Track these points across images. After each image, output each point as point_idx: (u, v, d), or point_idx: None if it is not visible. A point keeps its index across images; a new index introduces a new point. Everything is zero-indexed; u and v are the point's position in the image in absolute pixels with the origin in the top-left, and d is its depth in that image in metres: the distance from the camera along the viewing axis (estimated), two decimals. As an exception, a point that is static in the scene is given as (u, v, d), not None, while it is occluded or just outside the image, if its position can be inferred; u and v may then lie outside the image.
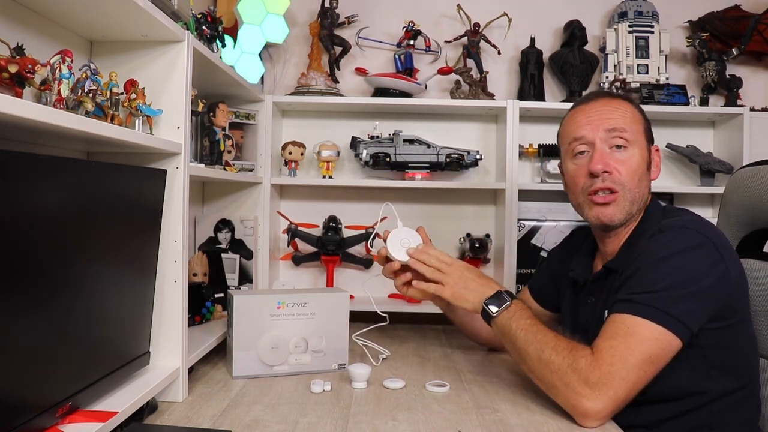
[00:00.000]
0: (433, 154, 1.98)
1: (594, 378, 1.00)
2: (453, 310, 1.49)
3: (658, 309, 1.01)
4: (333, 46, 2.06)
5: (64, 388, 0.88)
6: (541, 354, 1.07)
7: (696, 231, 1.09)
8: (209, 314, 1.57)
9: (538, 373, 1.09)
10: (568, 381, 1.02)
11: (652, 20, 2.06)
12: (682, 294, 1.03)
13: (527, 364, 1.11)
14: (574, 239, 1.45)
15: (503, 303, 1.18)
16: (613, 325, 1.04)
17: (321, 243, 1.99)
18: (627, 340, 1.01)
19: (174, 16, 1.22)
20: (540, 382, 1.11)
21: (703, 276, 1.04)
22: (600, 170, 1.16)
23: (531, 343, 1.10)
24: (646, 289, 1.04)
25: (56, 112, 0.78)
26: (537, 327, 1.12)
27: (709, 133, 2.14)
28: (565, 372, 1.03)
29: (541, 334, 1.10)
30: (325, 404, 1.16)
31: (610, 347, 1.01)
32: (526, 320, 1.14)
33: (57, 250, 0.83)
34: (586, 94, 1.38)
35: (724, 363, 1.09)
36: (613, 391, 1.00)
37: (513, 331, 1.13)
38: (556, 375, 1.05)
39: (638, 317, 1.02)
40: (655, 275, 1.05)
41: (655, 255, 1.07)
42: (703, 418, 1.09)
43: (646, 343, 1.00)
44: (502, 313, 1.17)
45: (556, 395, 1.07)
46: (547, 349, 1.07)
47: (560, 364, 1.04)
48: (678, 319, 1.01)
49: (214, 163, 1.48)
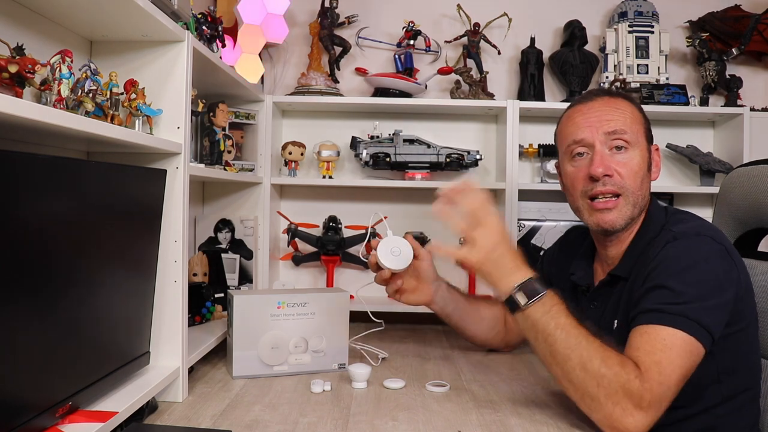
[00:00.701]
0: (433, 154, 1.98)
1: (646, 402, 0.95)
2: (449, 315, 1.47)
3: (691, 320, 0.99)
4: (333, 46, 2.06)
5: (64, 388, 0.88)
6: (588, 364, 0.99)
7: (710, 238, 1.07)
8: (209, 314, 1.57)
9: (579, 382, 1.00)
10: (618, 400, 0.96)
11: (652, 20, 2.06)
12: (711, 304, 1.01)
13: (565, 370, 1.01)
14: (569, 240, 1.42)
15: (537, 293, 1.05)
16: (648, 338, 1.00)
17: (321, 243, 1.99)
18: (668, 355, 0.97)
19: (174, 16, 1.22)
20: (576, 391, 1.01)
21: (726, 285, 1.03)
22: (600, 174, 1.13)
23: (574, 348, 1.00)
24: (677, 300, 1.01)
25: (56, 112, 0.79)
26: (579, 329, 1.02)
27: (709, 133, 2.14)
28: (617, 390, 0.96)
29: (584, 339, 1.01)
30: (325, 404, 1.16)
31: (656, 364, 0.97)
32: (564, 318, 1.03)
33: (56, 250, 0.83)
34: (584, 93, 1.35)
35: (732, 367, 1.08)
36: (660, 410, 0.97)
37: (549, 330, 1.03)
38: (603, 390, 0.97)
39: (673, 329, 0.99)
40: (684, 286, 1.02)
41: (678, 264, 1.04)
42: (708, 421, 1.08)
43: (684, 357, 0.98)
44: (534, 305, 1.05)
45: (596, 409, 0.99)
46: (596, 359, 0.98)
47: (611, 379, 0.96)
48: (707, 330, 0.99)
49: (214, 163, 1.48)
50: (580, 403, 1.01)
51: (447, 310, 1.46)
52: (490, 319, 1.51)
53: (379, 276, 1.34)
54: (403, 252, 1.30)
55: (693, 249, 1.06)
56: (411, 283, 1.39)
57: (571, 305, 1.14)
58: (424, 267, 1.39)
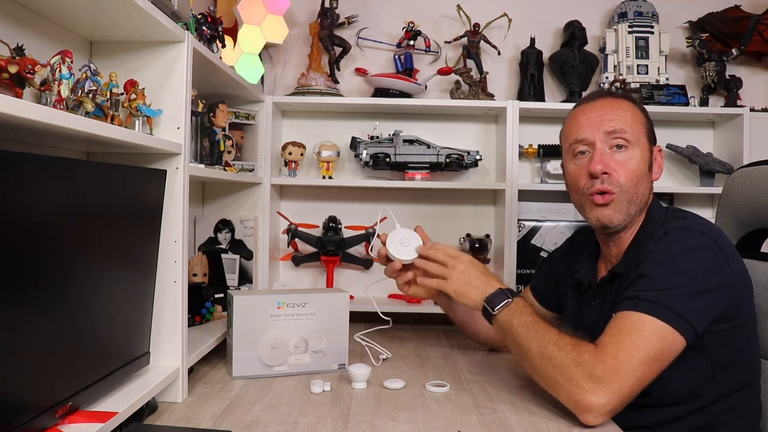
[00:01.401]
0: (433, 155, 1.98)
1: (598, 371, 0.99)
2: (453, 310, 1.49)
3: (663, 306, 1.01)
4: (333, 46, 2.06)
5: (64, 389, 0.88)
6: (543, 350, 1.06)
7: (701, 233, 1.09)
8: (209, 314, 1.57)
9: (540, 369, 1.08)
10: (570, 376, 1.01)
11: (652, 21, 2.06)
12: (688, 293, 1.03)
13: (529, 360, 1.10)
14: (576, 240, 1.45)
15: (503, 300, 1.18)
16: (619, 322, 1.04)
17: (321, 243, 1.99)
18: (632, 336, 1.00)
19: (174, 16, 1.22)
20: (541, 379, 1.09)
21: (709, 277, 1.05)
22: (599, 171, 1.15)
23: (532, 339, 1.09)
24: (652, 287, 1.04)
25: (56, 112, 0.78)
26: (539, 324, 1.11)
27: (709, 133, 2.14)
28: (568, 367, 1.02)
29: (543, 330, 1.09)
30: (325, 404, 1.16)
31: (616, 342, 1.01)
32: (527, 317, 1.13)
33: (56, 250, 0.83)
34: (588, 94, 1.38)
35: (728, 364, 1.09)
36: (618, 385, 0.98)
37: (514, 329, 1.13)
38: (558, 370, 1.03)
39: (644, 314, 1.02)
40: (661, 274, 1.05)
41: (661, 255, 1.07)
42: (705, 419, 1.09)
43: (651, 339, 1.00)
44: (502, 310, 1.17)
45: (558, 392, 1.05)
46: (549, 344, 1.06)
47: (563, 359, 1.03)
48: (683, 318, 1.01)
49: (214, 164, 1.48)
50: (549, 390, 1.08)
51: (453, 305, 1.48)
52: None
53: (390, 268, 1.36)
54: (413, 243, 1.32)
55: (679, 242, 1.09)
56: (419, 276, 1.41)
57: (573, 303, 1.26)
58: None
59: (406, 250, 1.31)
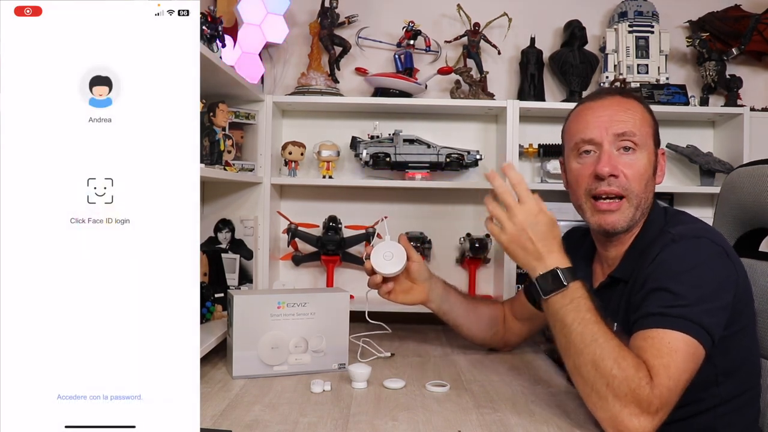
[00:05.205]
0: (433, 154, 1.98)
1: (654, 408, 0.95)
2: (445, 313, 1.48)
3: (693, 322, 0.98)
4: (333, 46, 2.06)
5: (64, 388, 0.87)
6: (600, 362, 0.97)
7: (711, 240, 1.07)
8: (209, 314, 1.57)
9: (589, 378, 0.99)
10: (626, 403, 0.95)
11: (652, 20, 2.06)
12: (712, 307, 1.01)
13: (576, 363, 1.01)
14: (570, 241, 1.41)
15: (557, 287, 1.05)
16: (653, 342, 0.99)
17: (321, 243, 1.99)
18: (674, 358, 0.97)
19: (174, 16, 1.21)
20: (585, 386, 1.00)
21: (725, 287, 1.04)
22: (607, 173, 1.12)
23: (588, 344, 0.99)
24: (677, 302, 1.00)
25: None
26: (598, 325, 1.01)
27: (709, 133, 2.14)
28: (626, 394, 0.95)
29: (601, 336, 0.99)
30: (325, 404, 1.16)
31: (665, 368, 0.96)
32: (584, 313, 1.02)
33: (57, 250, 0.83)
34: (596, 90, 1.35)
35: (731, 367, 1.08)
36: (665, 415, 0.96)
37: (568, 322, 1.03)
38: (612, 391, 0.95)
39: (676, 332, 0.98)
40: (684, 288, 1.01)
41: (676, 267, 1.04)
42: (707, 421, 1.08)
43: (688, 360, 0.98)
44: (554, 296, 1.05)
45: (602, 408, 0.97)
46: (609, 359, 0.97)
47: (621, 382, 0.95)
48: (708, 332, 0.99)
49: (214, 163, 1.48)
50: (587, 399, 1.01)
51: (444, 308, 1.47)
52: (489, 319, 1.52)
53: (372, 280, 1.39)
54: (396, 256, 1.36)
55: (693, 251, 1.06)
56: (405, 284, 1.43)
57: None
58: (414, 267, 1.42)
59: (390, 264, 1.35)
